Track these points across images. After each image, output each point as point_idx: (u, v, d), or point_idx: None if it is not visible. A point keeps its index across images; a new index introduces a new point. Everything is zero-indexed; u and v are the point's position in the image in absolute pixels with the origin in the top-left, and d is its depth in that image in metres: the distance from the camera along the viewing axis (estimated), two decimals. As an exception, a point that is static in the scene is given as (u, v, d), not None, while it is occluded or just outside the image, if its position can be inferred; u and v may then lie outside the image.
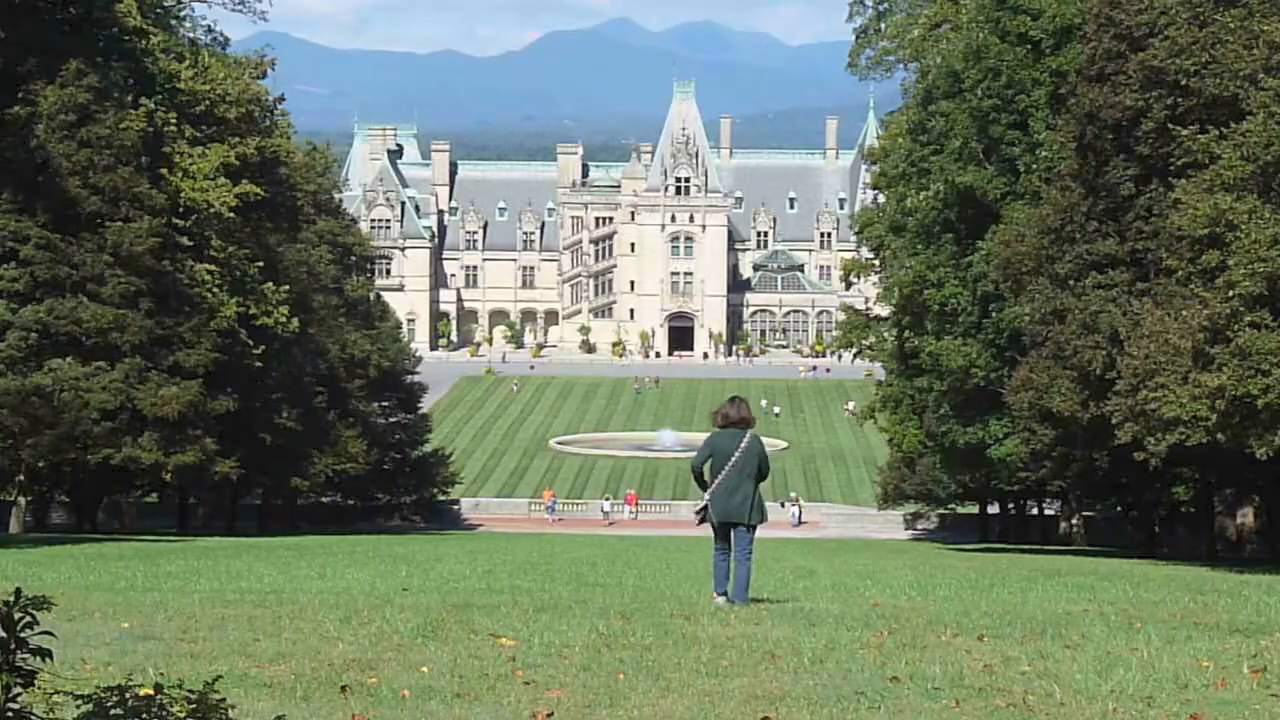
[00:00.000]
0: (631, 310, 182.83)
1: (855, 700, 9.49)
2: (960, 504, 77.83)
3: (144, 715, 5.60)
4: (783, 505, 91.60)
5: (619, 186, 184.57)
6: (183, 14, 60.73)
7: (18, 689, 5.58)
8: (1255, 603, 18.53)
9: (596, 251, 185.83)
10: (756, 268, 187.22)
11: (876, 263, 70.88)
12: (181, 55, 57.46)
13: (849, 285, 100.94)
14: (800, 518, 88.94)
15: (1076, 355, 38.64)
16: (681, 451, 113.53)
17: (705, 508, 16.18)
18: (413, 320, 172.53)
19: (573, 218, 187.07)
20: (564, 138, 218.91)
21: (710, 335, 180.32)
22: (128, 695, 5.67)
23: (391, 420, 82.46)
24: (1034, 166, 49.21)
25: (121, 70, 52.19)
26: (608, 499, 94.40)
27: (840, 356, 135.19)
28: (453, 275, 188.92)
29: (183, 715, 5.66)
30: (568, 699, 9.46)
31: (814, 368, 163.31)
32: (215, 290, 53.79)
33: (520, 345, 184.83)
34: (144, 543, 40.28)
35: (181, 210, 53.17)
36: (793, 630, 13.23)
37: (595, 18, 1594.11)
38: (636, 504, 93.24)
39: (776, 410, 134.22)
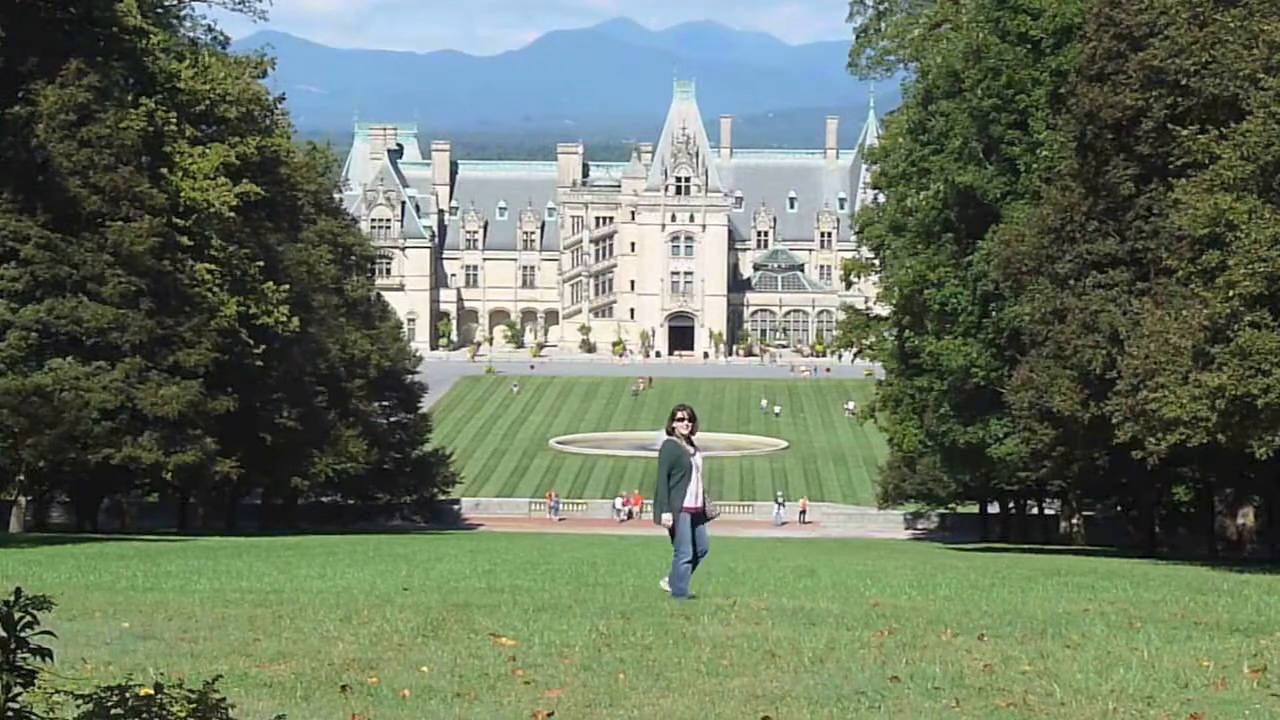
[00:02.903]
0: (632, 310, 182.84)
1: (856, 700, 9.49)
2: (960, 503, 77.87)
3: (144, 715, 5.60)
4: (785, 505, 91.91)
5: (619, 186, 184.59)
6: (183, 13, 60.88)
7: (18, 688, 5.58)
8: (1255, 602, 18.53)
9: (597, 251, 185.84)
10: (757, 267, 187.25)
11: (877, 262, 70.93)
12: (182, 55, 57.49)
13: (849, 285, 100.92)
14: (781, 516, 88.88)
15: (1077, 355, 38.65)
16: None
17: None
18: (413, 320, 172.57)
19: (573, 217, 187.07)
20: (564, 137, 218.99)
21: (710, 335, 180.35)
22: (128, 695, 5.67)
23: (392, 420, 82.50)
24: (1034, 166, 49.23)
25: (122, 70, 52.20)
26: (621, 497, 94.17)
27: (840, 356, 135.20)
28: (453, 275, 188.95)
29: (183, 715, 5.66)
30: (568, 698, 9.46)
31: (814, 368, 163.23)
32: (215, 290, 53.80)
33: (520, 345, 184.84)
34: (144, 542, 40.28)
35: (182, 210, 53.17)
36: (793, 630, 13.23)
37: (595, 17, 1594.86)
38: (641, 504, 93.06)
39: (777, 410, 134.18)
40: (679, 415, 16.97)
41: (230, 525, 66.63)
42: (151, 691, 5.72)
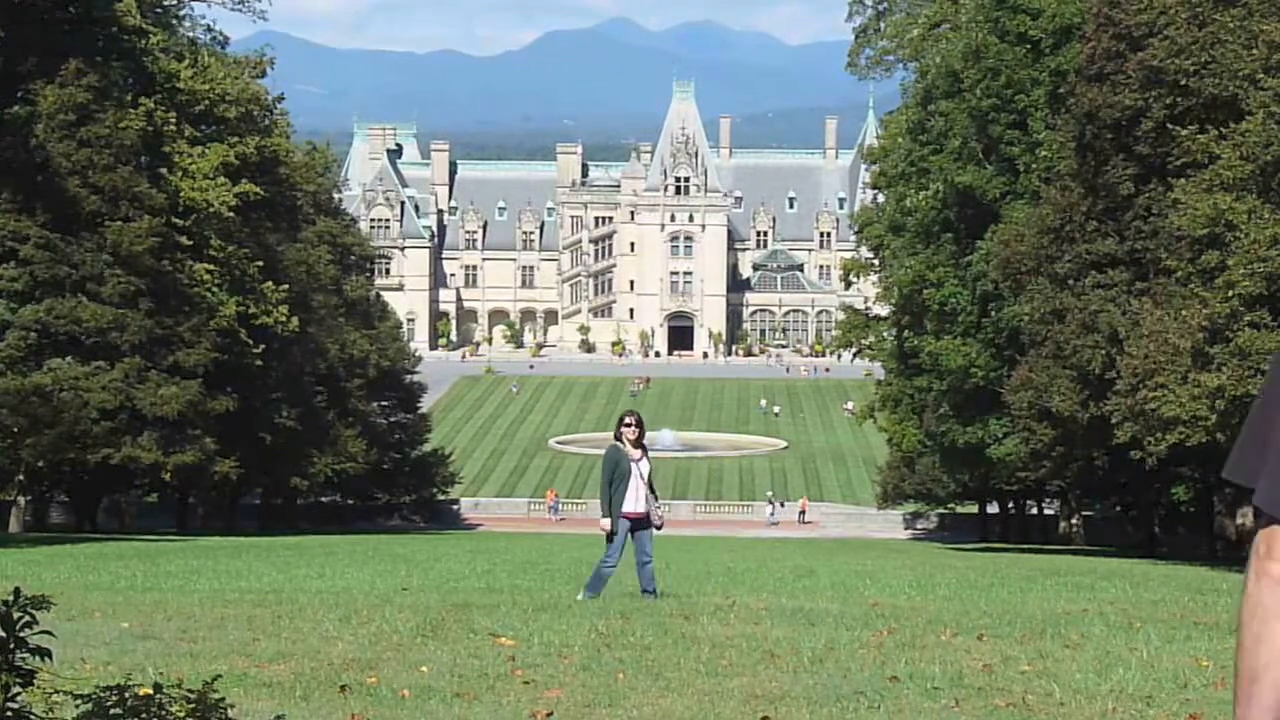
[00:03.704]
0: (631, 310, 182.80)
1: (855, 700, 9.49)
2: (960, 504, 77.83)
3: (143, 715, 5.60)
4: (783, 505, 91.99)
5: (619, 186, 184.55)
6: (182, 13, 60.91)
7: (17, 688, 5.58)
8: (1255, 602, 18.47)
9: (596, 251, 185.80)
10: (756, 267, 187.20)
11: (876, 262, 70.94)
12: (181, 55, 57.49)
13: (848, 285, 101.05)
14: (773, 517, 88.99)
15: (1076, 355, 38.66)
16: (681, 451, 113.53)
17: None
18: (412, 320, 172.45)
19: (572, 217, 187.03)
20: (563, 137, 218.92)
21: (710, 335, 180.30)
22: (127, 695, 5.67)
23: (391, 420, 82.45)
24: (1033, 166, 49.24)
25: (121, 70, 52.22)
26: None
27: (840, 356, 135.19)
28: (452, 275, 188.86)
29: (182, 715, 5.66)
30: (567, 698, 9.45)
31: (814, 368, 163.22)
32: (215, 290, 53.82)
33: (520, 345, 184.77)
34: (143, 542, 40.27)
35: (181, 210, 53.18)
36: (792, 630, 13.23)
37: (595, 17, 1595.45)
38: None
39: (776, 410, 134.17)
40: (626, 421, 17.15)
41: (230, 525, 66.59)
42: (151, 691, 5.72)
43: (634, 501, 16.88)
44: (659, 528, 17.27)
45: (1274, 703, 2.53)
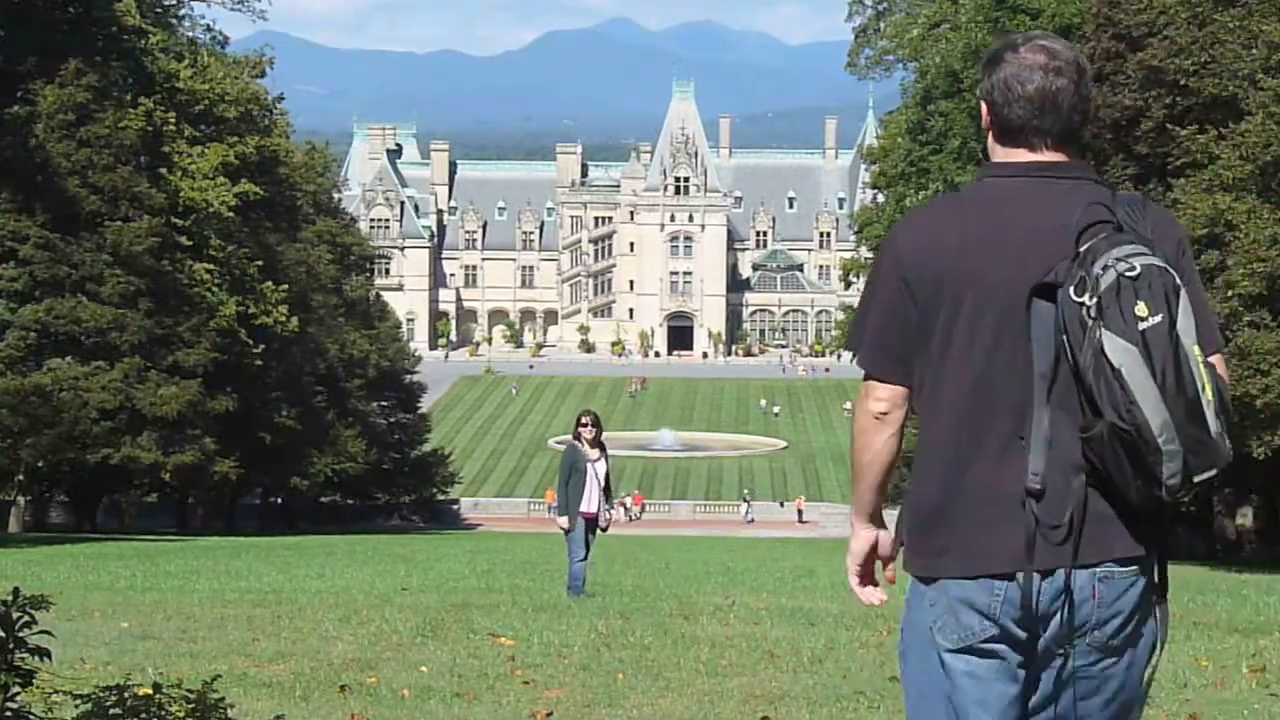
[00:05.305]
0: (631, 310, 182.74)
1: (855, 700, 9.49)
2: (959, 503, 77.78)
3: (143, 714, 5.59)
4: (783, 505, 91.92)
5: (618, 186, 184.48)
6: (182, 13, 60.92)
7: (16, 688, 5.58)
8: (1254, 602, 18.53)
9: (596, 251, 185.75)
10: (756, 267, 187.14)
11: (876, 262, 70.91)
12: (180, 54, 57.51)
13: (848, 285, 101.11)
14: (748, 514, 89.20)
15: (1076, 355, 38.66)
16: (681, 451, 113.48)
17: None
18: (412, 320, 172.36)
19: (572, 217, 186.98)
20: (563, 137, 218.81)
21: (710, 335, 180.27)
22: (126, 694, 5.66)
23: (391, 420, 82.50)
24: (1033, 166, 49.25)
25: (120, 69, 52.26)
26: (619, 496, 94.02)
27: (840, 356, 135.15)
28: (452, 275, 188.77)
29: (181, 715, 5.66)
30: (567, 698, 9.45)
31: (813, 368, 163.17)
32: (215, 290, 53.86)
33: (519, 345, 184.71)
34: (143, 542, 40.28)
35: (181, 210, 53.23)
36: (792, 630, 13.23)
37: (595, 17, 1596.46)
38: (641, 504, 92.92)
39: (776, 410, 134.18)
40: (583, 421, 17.28)
41: (229, 525, 66.60)
42: (150, 691, 5.72)
43: (588, 501, 17.02)
44: (604, 529, 17.40)
45: (875, 483, 3.83)
